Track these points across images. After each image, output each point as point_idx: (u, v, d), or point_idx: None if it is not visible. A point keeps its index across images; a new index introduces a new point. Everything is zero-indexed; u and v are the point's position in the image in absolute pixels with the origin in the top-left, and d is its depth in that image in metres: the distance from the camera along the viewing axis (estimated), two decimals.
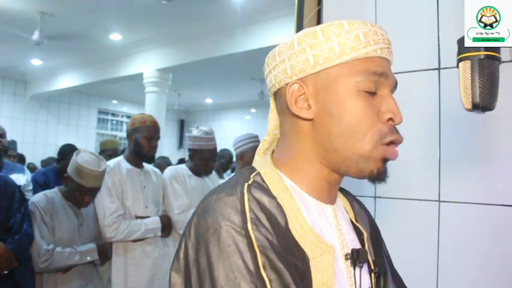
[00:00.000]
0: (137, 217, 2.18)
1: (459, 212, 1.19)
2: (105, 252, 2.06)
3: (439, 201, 1.22)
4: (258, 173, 0.63)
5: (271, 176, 0.63)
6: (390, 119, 0.60)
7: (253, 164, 0.68)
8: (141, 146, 2.21)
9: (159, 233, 2.23)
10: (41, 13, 5.40)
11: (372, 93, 0.60)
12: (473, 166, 1.19)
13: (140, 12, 5.40)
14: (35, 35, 5.55)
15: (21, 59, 7.76)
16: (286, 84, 0.63)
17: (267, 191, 0.60)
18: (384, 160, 0.61)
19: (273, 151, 0.70)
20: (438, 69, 1.25)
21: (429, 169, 1.24)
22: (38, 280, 1.88)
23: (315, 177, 0.64)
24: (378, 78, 0.60)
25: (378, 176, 0.61)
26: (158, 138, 2.32)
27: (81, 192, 1.93)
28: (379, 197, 1.33)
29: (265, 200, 0.58)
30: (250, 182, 0.60)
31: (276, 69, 0.64)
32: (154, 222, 2.21)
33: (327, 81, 0.60)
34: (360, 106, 0.59)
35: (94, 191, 1.97)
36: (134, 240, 2.16)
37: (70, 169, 1.94)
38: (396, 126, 0.62)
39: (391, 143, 0.60)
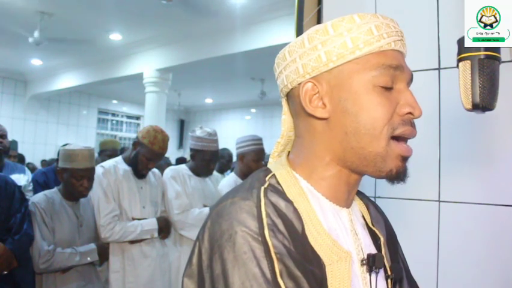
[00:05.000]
0: (134, 218, 2.19)
1: (459, 212, 1.19)
2: (105, 252, 2.06)
3: (439, 201, 1.22)
4: (273, 175, 0.61)
5: (286, 178, 0.61)
6: (409, 113, 0.58)
7: (268, 165, 0.66)
8: (139, 162, 2.21)
9: (155, 234, 2.23)
10: (41, 13, 5.41)
11: (388, 88, 0.58)
12: (473, 166, 1.19)
13: (140, 12, 5.40)
14: (35, 35, 5.55)
15: (21, 59, 7.76)
16: (299, 84, 0.61)
17: (282, 195, 0.58)
18: (403, 158, 0.59)
19: (289, 152, 0.68)
20: (439, 69, 1.25)
21: (429, 169, 1.24)
22: (37, 280, 1.88)
23: (333, 180, 0.62)
24: (394, 72, 0.58)
25: (397, 176, 0.59)
26: (159, 161, 2.31)
27: (77, 178, 1.93)
28: (379, 197, 1.33)
29: (281, 204, 0.56)
30: (266, 185, 0.58)
31: (288, 69, 0.62)
32: (151, 223, 2.22)
33: (341, 78, 0.58)
34: (376, 102, 0.57)
35: (89, 174, 1.97)
36: (132, 241, 2.16)
37: (60, 160, 1.97)
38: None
39: (402, 136, 0.58)
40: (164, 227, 2.27)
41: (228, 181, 2.63)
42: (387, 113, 0.57)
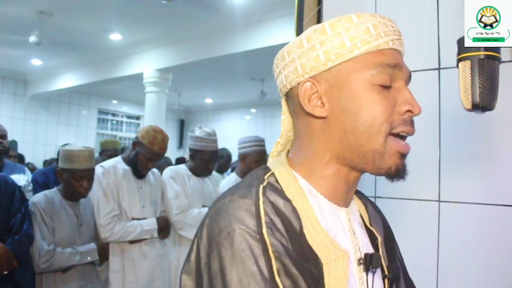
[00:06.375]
0: (134, 218, 2.19)
1: (459, 212, 1.19)
2: (105, 252, 2.06)
3: (439, 201, 1.22)
4: (272, 174, 0.62)
5: (285, 176, 0.61)
6: (409, 110, 0.59)
7: (268, 164, 0.67)
8: (138, 162, 2.21)
9: (155, 234, 2.23)
10: (40, 13, 5.40)
11: (387, 87, 0.59)
12: (473, 166, 1.19)
13: (140, 12, 5.40)
14: (35, 35, 5.55)
15: (21, 59, 7.75)
16: (298, 83, 0.62)
17: (281, 193, 0.58)
18: (402, 155, 0.59)
19: (288, 152, 0.68)
20: (439, 69, 1.25)
21: (429, 169, 1.24)
22: (38, 280, 1.88)
23: (332, 179, 0.62)
24: (392, 71, 0.59)
25: (397, 173, 0.59)
26: (158, 161, 2.31)
27: (77, 179, 1.93)
28: (379, 197, 1.33)
29: (280, 202, 0.56)
30: (265, 183, 0.59)
31: (286, 69, 0.63)
32: (150, 223, 2.22)
33: (340, 77, 0.59)
34: (375, 100, 0.57)
35: (88, 174, 1.97)
36: (132, 241, 2.16)
37: (60, 161, 1.97)
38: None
39: (401, 134, 0.59)
40: (164, 227, 2.28)
41: (228, 181, 2.63)
42: (386, 111, 0.58)
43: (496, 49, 0.76)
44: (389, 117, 0.58)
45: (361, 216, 0.69)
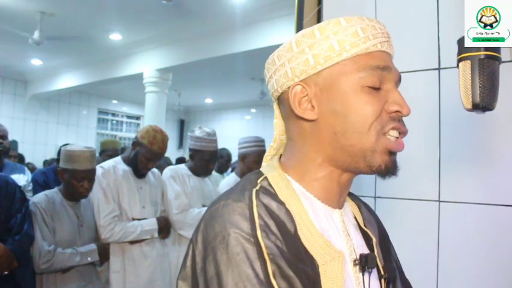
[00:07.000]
0: (134, 219, 2.19)
1: (459, 212, 1.19)
2: (105, 253, 2.06)
3: (439, 201, 1.22)
4: (265, 178, 0.62)
5: (278, 180, 0.62)
6: (397, 111, 0.59)
7: (261, 169, 0.67)
8: (138, 162, 2.21)
9: (156, 235, 2.23)
10: (41, 13, 5.40)
11: (376, 89, 0.59)
12: (473, 166, 1.19)
13: (140, 12, 5.40)
14: (35, 35, 5.55)
15: (21, 59, 7.75)
16: (289, 87, 0.62)
17: (274, 196, 0.59)
18: (390, 153, 0.60)
19: (281, 155, 0.69)
20: (439, 69, 1.25)
21: (429, 169, 1.24)
22: (38, 280, 1.88)
23: (325, 181, 0.62)
24: (382, 73, 0.59)
25: (387, 171, 0.59)
26: (158, 161, 2.31)
27: (78, 179, 1.93)
28: (379, 197, 1.33)
29: (273, 205, 0.57)
30: (258, 187, 0.59)
31: (277, 74, 0.64)
32: (151, 223, 2.22)
33: (330, 80, 0.60)
34: (364, 101, 0.58)
35: (89, 175, 1.97)
36: (132, 242, 2.16)
37: (61, 161, 1.97)
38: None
39: (394, 131, 0.59)
40: (164, 227, 2.28)
41: (228, 181, 2.63)
42: (375, 110, 0.58)
43: (496, 49, 0.76)
44: (378, 117, 0.58)
45: (355, 217, 0.70)
